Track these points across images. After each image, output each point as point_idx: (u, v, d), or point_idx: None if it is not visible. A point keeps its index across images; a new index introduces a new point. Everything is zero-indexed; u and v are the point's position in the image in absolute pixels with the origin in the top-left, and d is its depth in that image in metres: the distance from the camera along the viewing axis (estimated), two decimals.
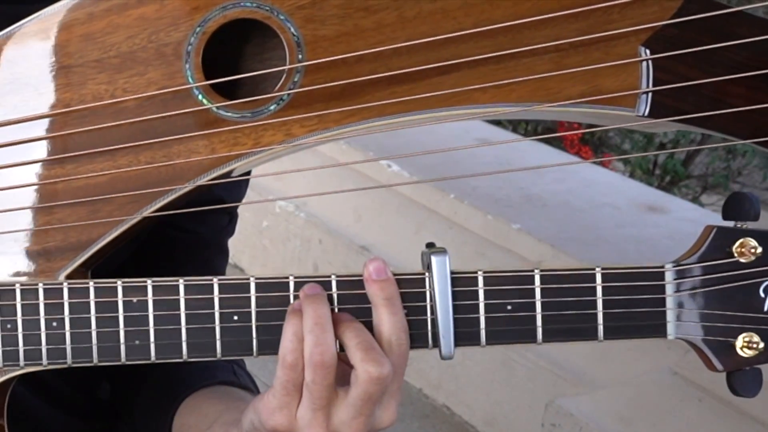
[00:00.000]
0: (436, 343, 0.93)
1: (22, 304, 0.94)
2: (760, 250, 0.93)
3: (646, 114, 0.94)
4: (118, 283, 0.93)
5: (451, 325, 0.93)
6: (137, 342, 0.93)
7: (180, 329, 0.93)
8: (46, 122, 0.95)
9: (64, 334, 0.93)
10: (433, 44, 0.94)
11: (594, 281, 0.93)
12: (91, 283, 0.93)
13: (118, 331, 0.93)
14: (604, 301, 0.93)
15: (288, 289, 0.93)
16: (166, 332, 0.93)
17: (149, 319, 0.93)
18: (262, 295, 0.93)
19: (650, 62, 0.94)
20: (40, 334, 0.93)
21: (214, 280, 0.93)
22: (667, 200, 3.26)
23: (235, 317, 0.93)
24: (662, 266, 0.94)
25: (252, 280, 0.93)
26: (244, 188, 1.27)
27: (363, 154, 3.23)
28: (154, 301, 0.93)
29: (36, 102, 0.95)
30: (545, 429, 2.45)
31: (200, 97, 0.94)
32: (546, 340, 0.93)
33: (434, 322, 0.93)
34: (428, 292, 0.93)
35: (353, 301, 0.93)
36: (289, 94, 0.94)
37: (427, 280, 0.93)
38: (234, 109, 0.94)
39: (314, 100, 0.94)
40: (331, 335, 0.90)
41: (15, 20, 0.95)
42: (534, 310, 0.93)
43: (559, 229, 2.89)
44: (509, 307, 0.93)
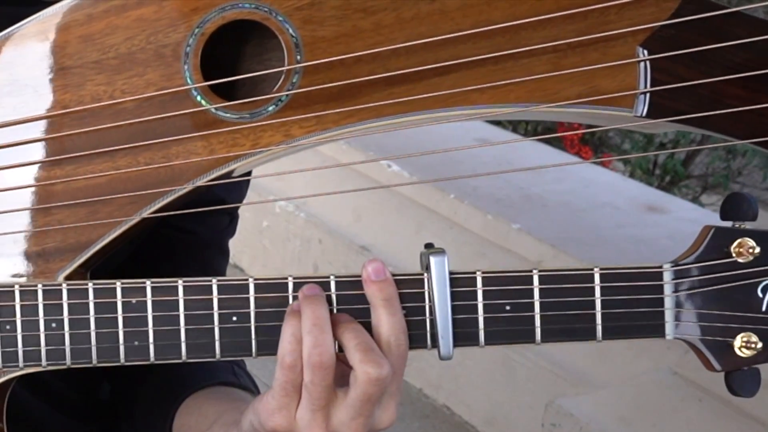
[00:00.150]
0: (435, 344, 0.93)
1: (21, 305, 0.94)
2: (758, 250, 0.93)
3: (645, 114, 0.94)
4: (117, 284, 0.93)
5: (450, 326, 0.93)
6: (136, 343, 0.93)
7: (179, 330, 0.93)
8: (45, 123, 0.95)
9: (63, 335, 0.93)
10: (431, 45, 0.94)
11: (592, 281, 0.93)
12: (90, 284, 0.94)
13: (117, 332, 0.93)
14: (603, 302, 0.93)
15: (287, 290, 0.93)
16: (165, 333, 0.93)
17: (148, 320, 0.93)
18: (261, 295, 0.93)
19: (648, 63, 0.94)
20: (39, 335, 0.94)
21: (213, 281, 0.93)
22: (667, 200, 3.26)
23: (234, 318, 0.93)
24: (660, 266, 0.94)
25: (251, 280, 0.93)
26: (245, 189, 1.27)
27: (363, 154, 3.23)
28: (153, 302, 0.93)
29: (35, 103, 0.95)
30: (545, 429, 2.44)
31: (199, 98, 0.94)
32: (545, 340, 0.94)
33: (433, 322, 0.93)
34: (427, 292, 0.93)
35: (352, 302, 0.93)
36: (288, 95, 0.94)
37: (426, 280, 0.93)
38: (233, 110, 0.94)
39: (313, 101, 0.94)
40: (330, 336, 0.90)
41: (14, 22, 0.95)
42: (532, 310, 0.93)
43: (559, 229, 2.89)
44: (508, 308, 0.93)
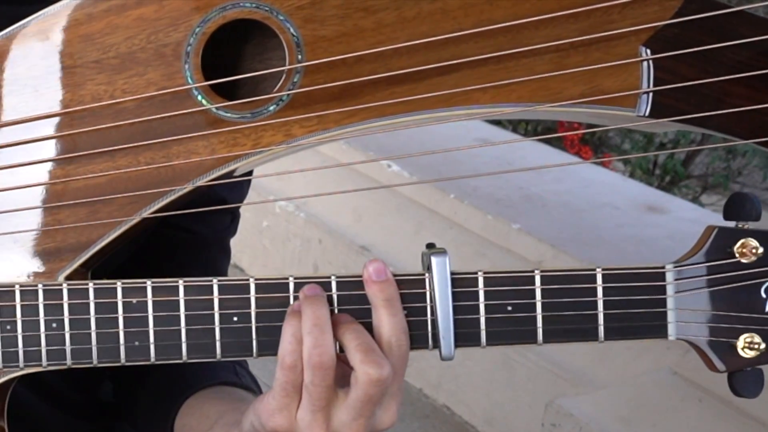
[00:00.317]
0: (436, 344, 0.93)
1: (22, 305, 0.93)
2: (761, 250, 0.93)
3: (647, 114, 0.94)
4: (118, 284, 0.93)
5: (452, 326, 0.92)
6: (137, 343, 0.93)
7: (180, 330, 0.93)
8: (46, 123, 0.95)
9: (64, 335, 0.93)
10: (433, 44, 0.93)
11: (594, 282, 0.93)
12: (91, 284, 0.93)
13: (118, 332, 0.93)
14: (605, 302, 0.93)
15: (288, 290, 0.93)
16: (166, 333, 0.93)
17: (149, 320, 0.93)
18: (262, 296, 0.93)
19: (651, 62, 0.93)
20: (39, 335, 0.93)
21: (214, 281, 0.93)
22: (667, 200, 3.26)
23: (235, 318, 0.93)
24: (663, 267, 0.94)
25: (252, 281, 0.93)
26: (246, 188, 1.26)
27: (363, 154, 3.23)
28: (154, 302, 0.93)
29: (35, 103, 0.95)
30: (545, 429, 2.44)
31: (200, 98, 0.94)
32: (546, 340, 0.93)
33: (434, 322, 0.93)
34: (428, 292, 0.93)
35: (353, 302, 0.92)
36: (289, 94, 0.94)
37: (427, 280, 0.93)
38: (233, 110, 0.94)
39: (314, 100, 0.94)
40: (330, 336, 0.89)
41: (15, 21, 0.95)
42: (534, 310, 0.93)
43: (559, 229, 2.88)
44: (509, 308, 0.93)
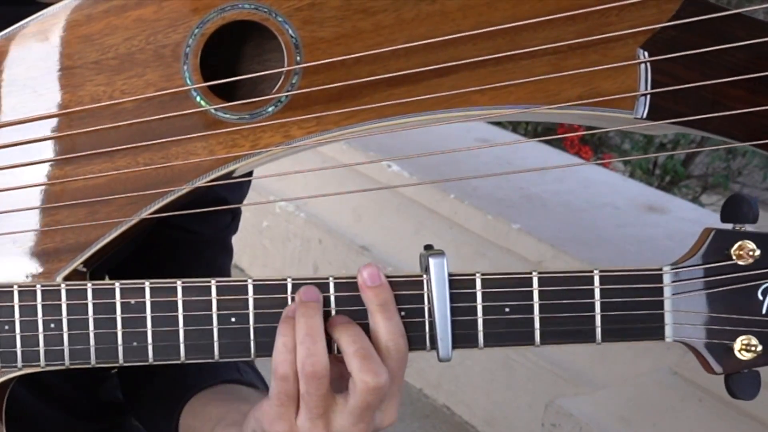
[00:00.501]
0: (434, 346, 0.93)
1: (20, 306, 0.93)
2: (758, 252, 0.93)
3: (645, 116, 0.94)
4: (116, 284, 0.93)
5: (449, 328, 0.92)
6: (135, 344, 0.93)
7: (178, 331, 0.93)
8: (45, 124, 0.95)
9: (62, 335, 0.93)
10: (431, 46, 0.93)
11: (592, 283, 0.93)
12: (89, 285, 0.93)
13: (116, 333, 0.93)
14: (602, 304, 0.93)
15: (286, 291, 0.93)
16: (164, 334, 0.93)
17: (147, 321, 0.93)
18: (260, 297, 0.93)
19: (648, 64, 0.93)
20: (37, 336, 0.93)
21: (212, 282, 0.93)
22: (667, 200, 3.26)
23: (233, 319, 0.93)
24: (660, 268, 0.94)
25: (250, 281, 0.93)
26: (246, 187, 1.27)
27: (363, 154, 3.23)
28: (152, 303, 0.93)
29: (34, 103, 0.95)
30: (545, 429, 2.44)
31: (198, 99, 0.94)
32: (544, 342, 0.93)
33: (432, 324, 0.93)
34: (426, 294, 0.93)
35: (351, 304, 0.92)
36: (288, 95, 0.94)
37: (425, 282, 0.93)
38: (232, 111, 0.94)
39: (313, 101, 0.94)
40: (323, 345, 0.89)
41: (13, 22, 0.95)
42: (532, 312, 0.93)
43: (559, 229, 2.88)
44: (507, 310, 0.93)
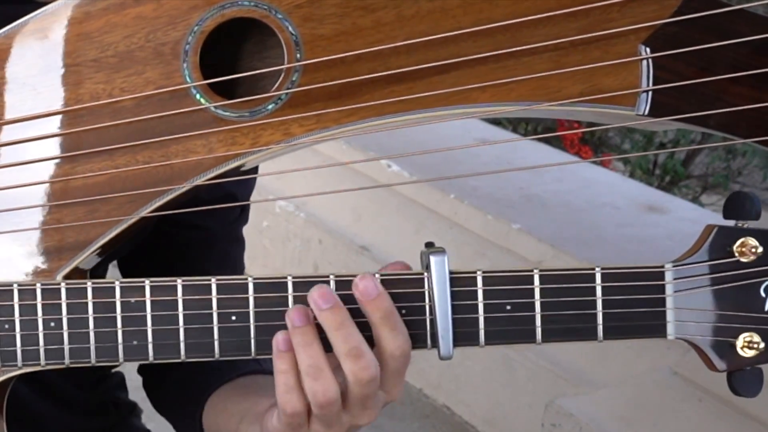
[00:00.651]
0: (435, 344, 0.93)
1: (20, 305, 0.93)
2: (760, 249, 0.93)
3: (647, 113, 0.94)
4: (116, 283, 0.93)
5: (450, 326, 0.92)
6: (135, 342, 0.93)
7: (178, 329, 0.93)
8: (44, 122, 0.95)
9: (62, 334, 0.93)
10: (432, 43, 0.93)
11: (594, 281, 0.93)
12: (89, 284, 0.93)
13: (116, 332, 0.93)
14: (604, 301, 0.93)
15: (286, 290, 0.93)
16: (164, 332, 0.93)
17: (147, 320, 0.93)
18: (261, 295, 0.93)
19: (650, 61, 0.93)
20: (38, 335, 0.93)
21: (212, 280, 0.93)
22: (667, 200, 3.26)
23: (233, 317, 0.93)
24: (662, 266, 0.94)
25: (250, 280, 0.93)
26: (253, 181, 1.26)
27: (363, 153, 3.23)
28: (152, 302, 0.93)
29: (33, 101, 0.95)
30: (545, 429, 2.44)
31: (198, 97, 0.94)
32: (545, 340, 0.93)
33: (433, 322, 0.92)
34: (427, 292, 0.93)
35: (351, 301, 0.92)
36: (288, 93, 0.94)
37: (426, 280, 0.93)
38: (232, 109, 0.94)
39: (313, 99, 0.94)
40: (329, 371, 0.89)
41: (12, 20, 0.95)
42: (533, 310, 0.93)
43: (559, 229, 2.88)
44: (508, 307, 0.93)
